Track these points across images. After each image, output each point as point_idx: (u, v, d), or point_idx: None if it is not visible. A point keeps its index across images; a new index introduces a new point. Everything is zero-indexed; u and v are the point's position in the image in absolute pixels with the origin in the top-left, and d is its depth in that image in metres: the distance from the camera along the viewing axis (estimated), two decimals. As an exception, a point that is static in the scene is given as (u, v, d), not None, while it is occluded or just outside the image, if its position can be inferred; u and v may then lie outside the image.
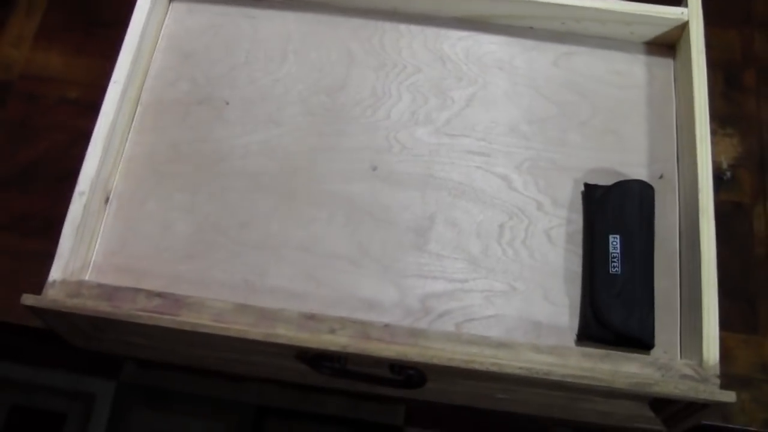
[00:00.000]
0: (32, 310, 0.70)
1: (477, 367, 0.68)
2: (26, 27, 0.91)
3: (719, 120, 0.89)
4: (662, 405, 0.76)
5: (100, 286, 0.71)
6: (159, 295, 0.71)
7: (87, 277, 0.75)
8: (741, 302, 0.82)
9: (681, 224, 0.79)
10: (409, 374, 0.74)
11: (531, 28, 0.87)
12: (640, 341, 0.74)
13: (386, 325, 0.71)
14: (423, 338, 0.70)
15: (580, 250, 0.78)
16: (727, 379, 0.70)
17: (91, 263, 0.76)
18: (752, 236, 0.85)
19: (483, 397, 0.80)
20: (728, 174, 0.87)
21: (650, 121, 0.84)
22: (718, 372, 0.70)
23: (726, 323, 0.79)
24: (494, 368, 0.68)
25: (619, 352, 0.71)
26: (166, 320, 0.69)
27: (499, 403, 0.81)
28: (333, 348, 0.69)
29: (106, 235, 0.78)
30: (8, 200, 0.84)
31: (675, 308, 0.77)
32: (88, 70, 0.88)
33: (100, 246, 0.77)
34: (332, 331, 0.70)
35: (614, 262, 0.76)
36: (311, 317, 0.71)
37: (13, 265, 0.80)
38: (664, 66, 0.86)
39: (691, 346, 0.73)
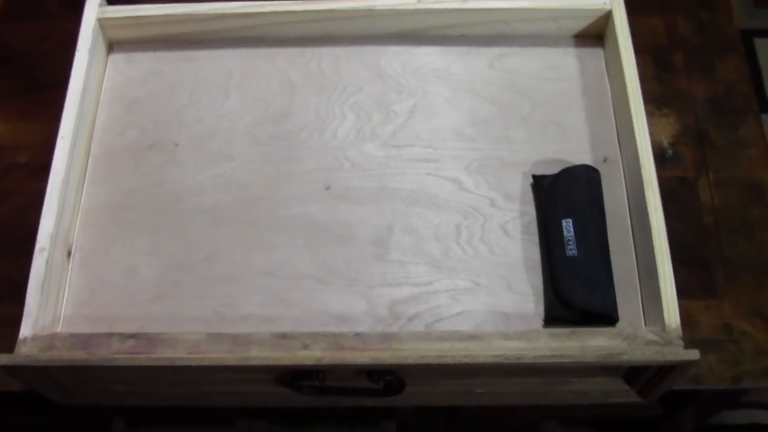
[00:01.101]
0: (7, 370, 0.70)
1: (450, 361, 0.70)
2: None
3: (655, 102, 0.92)
4: (635, 376, 0.78)
5: (72, 336, 0.72)
6: (132, 336, 0.72)
7: (59, 330, 0.76)
8: (698, 270, 0.85)
9: (629, 201, 0.82)
10: (387, 380, 0.75)
11: (463, 35, 0.90)
12: (605, 316, 0.76)
13: (357, 334, 0.72)
14: (395, 341, 0.71)
15: (536, 240, 0.80)
16: (693, 345, 0.71)
17: (62, 317, 0.77)
18: (700, 207, 0.88)
19: (463, 395, 0.82)
20: (670, 152, 0.90)
21: (588, 110, 0.87)
22: (680, 334, 0.72)
23: (686, 291, 0.82)
24: (467, 359, 0.70)
25: (584, 328, 0.73)
26: (143, 359, 0.70)
27: (480, 398, 0.82)
28: (308, 362, 0.70)
29: (73, 287, 0.78)
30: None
31: (634, 281, 0.79)
32: (35, 133, 0.89)
33: (68, 299, 0.78)
34: (305, 347, 0.71)
35: (570, 245, 0.78)
36: (283, 336, 0.72)
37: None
38: (595, 56, 0.89)
39: (653, 314, 0.76)
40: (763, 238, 0.87)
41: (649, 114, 0.89)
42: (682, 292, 0.75)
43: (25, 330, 0.72)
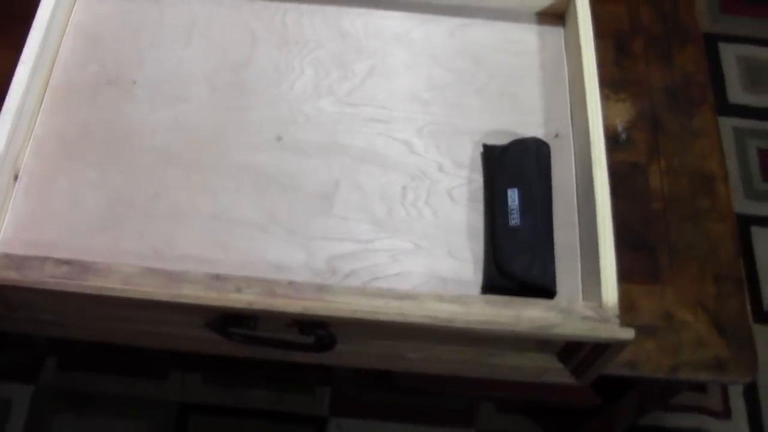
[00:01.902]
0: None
1: (382, 317, 0.69)
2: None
3: (612, 86, 0.92)
4: (570, 354, 0.77)
5: (7, 256, 0.71)
6: (67, 262, 0.70)
7: (-1, 252, 0.75)
8: (642, 254, 0.84)
9: (577, 178, 0.81)
10: (318, 335, 0.74)
11: (426, 3, 0.89)
12: (543, 288, 0.75)
13: (291, 282, 0.71)
14: (328, 293, 0.70)
15: (482, 208, 0.80)
16: (634, 331, 0.71)
17: (1, 239, 0.76)
18: (649, 192, 0.88)
19: (394, 358, 0.81)
20: (623, 136, 0.90)
21: (544, 85, 0.86)
22: (617, 313, 0.71)
23: (629, 275, 0.81)
24: (399, 318, 0.69)
25: (521, 298, 0.72)
26: (74, 285, 0.69)
27: (411, 364, 0.81)
28: (239, 305, 0.69)
29: (16, 210, 0.77)
30: None
31: (576, 257, 0.78)
32: (1, 63, 0.88)
33: (9, 222, 0.76)
34: (238, 290, 0.70)
35: (513, 214, 0.77)
36: (217, 277, 0.70)
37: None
38: (555, 34, 0.89)
39: (591, 291, 0.75)
40: (710, 229, 0.86)
41: (606, 97, 0.89)
42: (624, 276, 0.75)
43: (-41, 246, 0.71)
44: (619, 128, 0.90)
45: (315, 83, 0.85)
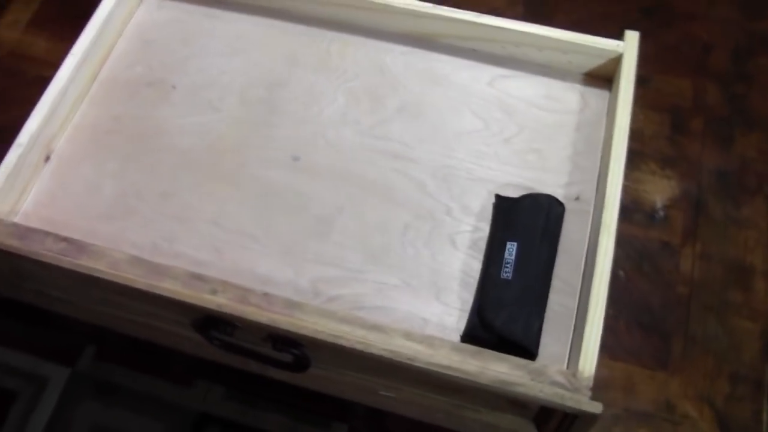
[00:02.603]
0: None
1: (343, 343, 0.71)
2: (23, 13, 1.03)
3: (660, 161, 0.91)
4: (545, 420, 0.76)
5: (15, 225, 0.78)
6: (65, 240, 0.77)
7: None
8: (655, 337, 0.83)
9: (589, 243, 0.81)
10: (292, 353, 0.77)
11: (474, 50, 0.92)
12: (522, 347, 0.75)
13: (266, 294, 0.74)
14: (298, 311, 0.73)
15: (481, 258, 0.81)
16: (628, 413, 0.70)
17: (21, 211, 0.84)
18: (677, 274, 0.86)
19: (367, 392, 0.82)
20: (661, 213, 0.88)
21: (576, 146, 0.86)
22: (590, 384, 0.70)
23: (636, 356, 0.80)
24: (359, 347, 0.71)
25: (493, 352, 0.72)
26: (65, 262, 0.75)
27: (384, 401, 0.83)
28: (209, 306, 0.73)
29: (40, 188, 0.85)
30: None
31: (571, 324, 0.77)
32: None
33: (31, 197, 0.85)
34: (213, 292, 0.74)
35: (507, 267, 0.78)
36: (197, 277, 0.75)
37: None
38: (599, 97, 0.89)
39: (574, 359, 0.74)
40: (736, 324, 0.84)
41: (651, 172, 0.89)
42: (630, 355, 0.74)
43: (-22, 210, 0.79)
44: (658, 205, 0.88)
45: (343, 111, 0.89)
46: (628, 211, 0.88)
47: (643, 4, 1.01)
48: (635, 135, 0.92)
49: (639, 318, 0.82)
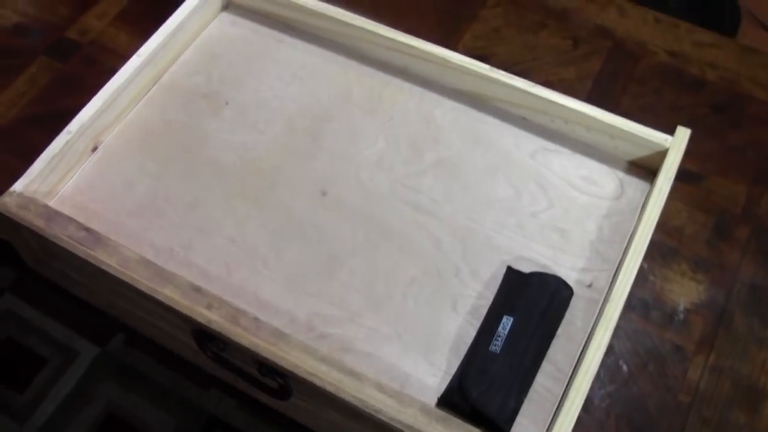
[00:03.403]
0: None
1: (316, 381, 0.75)
2: (112, 7, 1.12)
3: (694, 263, 0.91)
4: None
5: (45, 207, 0.85)
6: (87, 229, 0.84)
7: (50, 203, 0.90)
8: (644, 441, 0.83)
9: (589, 333, 0.82)
10: (276, 380, 0.82)
11: (524, 118, 0.95)
12: (494, 422, 0.77)
13: (256, 319, 0.79)
14: (283, 341, 0.78)
15: (479, 325, 0.84)
16: None
17: (59, 194, 0.92)
18: (682, 382, 0.86)
19: (341, 432, 0.87)
20: (681, 316, 0.89)
21: (602, 233, 0.88)
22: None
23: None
24: (331, 388, 0.75)
25: (461, 422, 0.75)
26: (79, 249, 0.82)
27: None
28: (199, 319, 0.78)
29: (82, 176, 0.93)
30: (27, 135, 1.02)
31: (552, 410, 0.79)
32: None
33: (72, 183, 0.92)
34: (208, 307, 0.79)
35: (497, 341, 0.80)
36: (197, 289, 0.80)
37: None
38: (638, 187, 0.91)
39: (544, 446, 0.76)
40: (733, 447, 0.84)
41: (681, 273, 0.90)
42: None
43: (17, 186, 0.86)
44: (680, 306, 0.89)
45: (381, 155, 0.94)
46: (647, 306, 0.89)
47: (715, 100, 1.01)
48: (674, 232, 0.93)
49: (632, 417, 0.82)
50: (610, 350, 0.83)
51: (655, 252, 0.92)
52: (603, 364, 0.78)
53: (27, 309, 1.02)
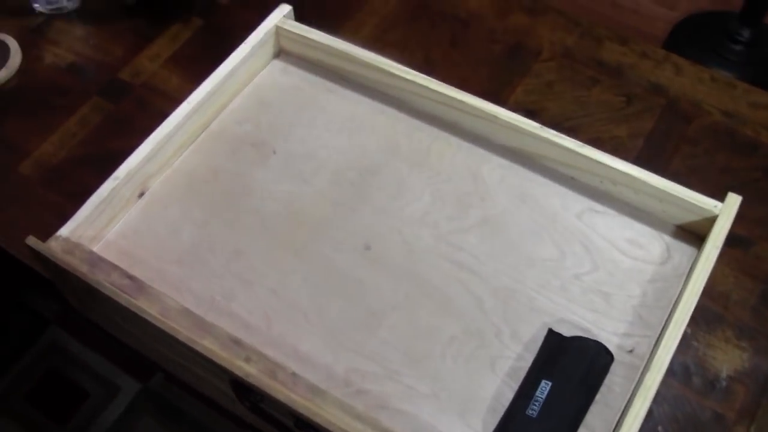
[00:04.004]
0: (30, 251, 0.89)
1: (350, 440, 0.78)
2: (166, 48, 1.16)
3: (738, 330, 0.92)
4: None
5: (90, 252, 0.89)
6: (130, 277, 0.87)
7: (94, 248, 0.94)
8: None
9: (628, 401, 0.83)
10: (311, 434, 0.84)
11: (572, 178, 0.97)
12: (530, 489, 0.79)
13: (294, 374, 0.82)
14: (319, 398, 0.80)
15: (517, 388, 0.85)
16: None
17: (104, 239, 0.95)
18: (721, 453, 0.87)
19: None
20: (723, 383, 0.89)
21: (646, 298, 0.90)
22: None
23: None
24: (363, 449, 0.78)
25: (494, 488, 0.77)
26: (122, 298, 0.85)
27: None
28: (237, 372, 0.81)
29: (128, 221, 0.97)
30: (77, 176, 1.06)
31: (587, 479, 0.81)
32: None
33: (117, 228, 0.96)
34: (247, 360, 0.82)
35: (535, 405, 0.82)
36: (237, 342, 0.83)
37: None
38: (685, 253, 0.92)
39: None
40: None
41: (725, 339, 0.91)
42: None
43: (63, 231, 0.90)
44: (723, 374, 0.90)
45: (426, 211, 0.96)
46: (689, 372, 0.90)
47: (769, 163, 1.03)
48: (720, 297, 0.94)
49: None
50: (649, 415, 0.83)
51: (699, 317, 0.93)
52: (641, 430, 0.79)
53: (71, 342, 1.07)
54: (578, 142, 0.95)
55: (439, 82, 1.01)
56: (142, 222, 0.97)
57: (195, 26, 1.21)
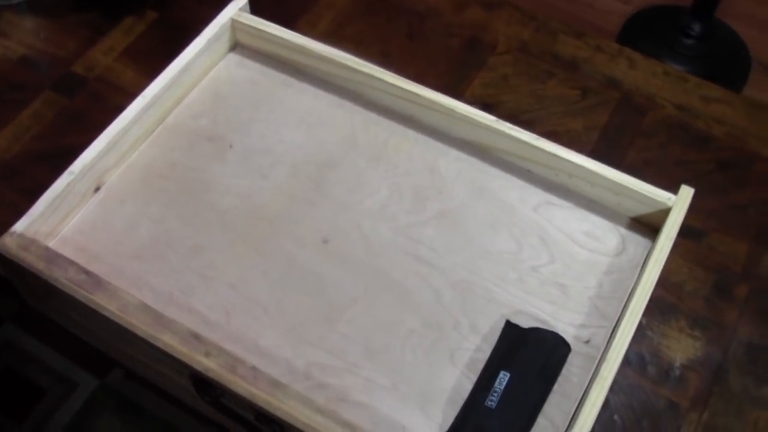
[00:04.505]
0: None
1: (312, 432, 0.79)
2: (119, 42, 1.16)
3: (692, 320, 0.95)
4: None
5: (47, 249, 0.89)
6: (87, 273, 0.88)
7: (50, 244, 0.94)
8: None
9: (585, 391, 0.85)
10: (272, 427, 0.85)
11: (529, 171, 0.99)
12: (487, 480, 0.81)
13: (254, 368, 0.83)
14: (281, 392, 0.81)
15: (475, 379, 0.87)
16: None
17: (60, 234, 0.95)
18: (676, 438, 0.90)
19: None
20: (677, 372, 0.92)
21: (602, 289, 0.92)
22: None
23: None
24: (326, 443, 0.79)
25: (456, 478, 0.79)
26: (79, 294, 0.86)
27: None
28: (197, 367, 0.82)
29: (84, 217, 0.97)
30: (30, 171, 1.06)
31: (545, 469, 0.83)
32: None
33: (73, 224, 0.96)
34: (207, 355, 0.83)
35: (493, 396, 0.84)
36: (196, 336, 0.84)
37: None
38: (640, 244, 0.95)
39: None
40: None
41: (679, 329, 0.93)
42: None
43: (18, 227, 0.90)
44: (676, 363, 0.92)
45: (384, 204, 0.97)
46: (644, 362, 0.92)
47: (722, 156, 1.05)
48: (674, 288, 0.97)
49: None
50: (605, 404, 0.85)
51: (654, 307, 0.96)
52: (598, 419, 0.81)
53: (27, 339, 1.06)
54: (534, 135, 0.97)
55: (396, 76, 1.02)
56: (98, 217, 0.97)
57: (149, 19, 1.21)
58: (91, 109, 1.10)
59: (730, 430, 0.89)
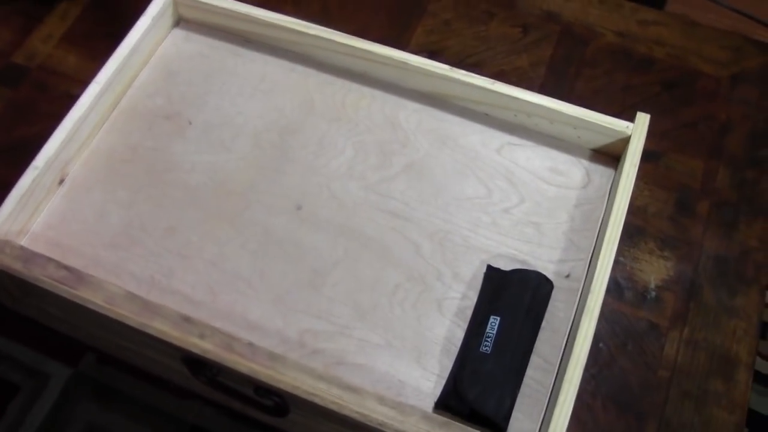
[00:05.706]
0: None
1: (317, 401, 0.76)
2: (57, 28, 1.09)
3: (660, 241, 0.94)
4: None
5: (22, 248, 0.84)
6: (66, 268, 0.83)
7: (22, 243, 0.88)
8: (630, 417, 0.86)
9: (572, 323, 0.85)
10: (272, 399, 0.82)
11: (486, 115, 0.96)
12: (492, 421, 0.79)
13: (250, 344, 0.79)
14: (279, 363, 0.78)
15: (465, 326, 0.85)
16: None
17: (29, 231, 0.90)
18: (660, 358, 0.89)
19: (342, 443, 0.88)
20: (653, 294, 0.92)
21: (574, 223, 0.90)
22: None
23: (606, 434, 0.84)
24: (333, 406, 0.76)
25: (461, 425, 0.77)
26: (63, 290, 0.81)
27: (359, 453, 0.88)
28: (195, 350, 0.78)
29: (51, 210, 0.91)
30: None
31: (545, 401, 0.82)
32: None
33: (42, 219, 0.91)
34: (201, 336, 0.79)
35: (487, 341, 0.82)
36: (187, 319, 0.80)
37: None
38: (604, 174, 0.93)
39: (543, 438, 0.78)
40: (713, 415, 0.87)
41: (649, 252, 0.92)
42: None
43: (-12, 229, 0.85)
44: (651, 285, 0.92)
45: (351, 164, 0.94)
46: (620, 288, 0.92)
47: (666, 77, 1.04)
48: (638, 211, 0.96)
49: (616, 396, 0.85)
50: (590, 334, 0.85)
51: (623, 233, 0.94)
52: (585, 349, 0.81)
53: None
54: (488, 78, 0.94)
55: (344, 34, 0.98)
56: (66, 209, 0.92)
57: (83, 2, 1.14)
58: (37, 98, 1.04)
59: (710, 342, 0.90)
